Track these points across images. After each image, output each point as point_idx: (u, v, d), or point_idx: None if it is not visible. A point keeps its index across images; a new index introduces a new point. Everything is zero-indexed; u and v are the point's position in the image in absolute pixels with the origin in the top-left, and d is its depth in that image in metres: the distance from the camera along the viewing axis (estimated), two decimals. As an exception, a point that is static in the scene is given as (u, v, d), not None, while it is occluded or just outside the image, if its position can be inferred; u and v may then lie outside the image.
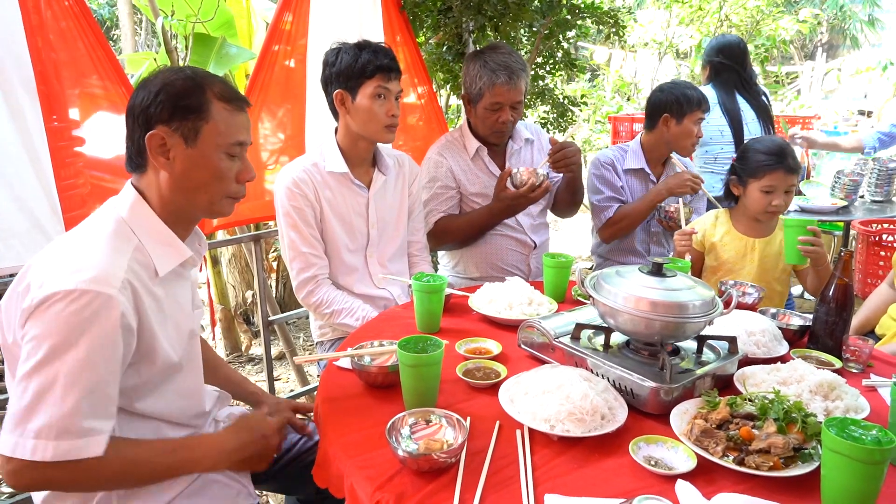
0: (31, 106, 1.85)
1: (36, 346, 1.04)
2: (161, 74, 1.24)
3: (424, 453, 1.06)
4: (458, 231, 2.37)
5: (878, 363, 1.57)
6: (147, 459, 1.17)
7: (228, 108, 1.24)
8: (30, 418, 1.03)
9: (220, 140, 1.23)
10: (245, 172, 1.31)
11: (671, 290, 1.33)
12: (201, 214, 1.33)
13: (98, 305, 1.06)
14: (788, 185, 2.06)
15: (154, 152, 1.21)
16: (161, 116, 1.20)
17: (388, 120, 1.95)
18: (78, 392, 1.04)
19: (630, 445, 1.12)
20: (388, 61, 1.92)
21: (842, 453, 0.95)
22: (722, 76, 3.33)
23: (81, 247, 1.15)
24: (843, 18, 12.24)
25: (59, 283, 1.06)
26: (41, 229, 1.88)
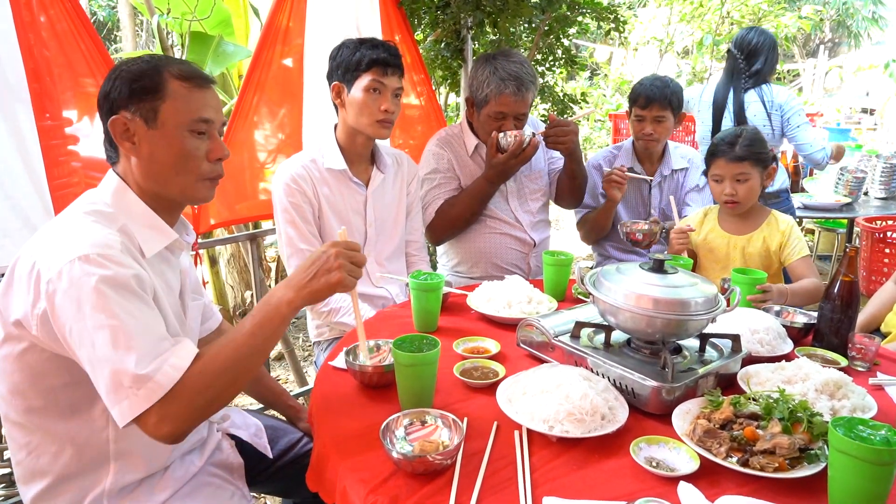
0: (23, 104, 1.82)
1: (77, 329, 1.03)
2: (120, 63, 1.23)
3: (419, 455, 1.04)
4: (459, 210, 2.32)
5: (884, 361, 1.54)
6: (238, 347, 1.13)
7: (186, 86, 1.21)
8: (120, 381, 1.02)
9: (180, 118, 1.20)
10: (215, 151, 1.26)
11: (673, 286, 1.30)
12: (181, 199, 1.29)
13: (106, 263, 1.06)
14: (736, 174, 2.03)
15: (119, 138, 1.20)
16: (120, 101, 1.19)
17: (380, 114, 1.92)
18: (135, 338, 1.04)
19: (631, 446, 1.09)
20: (387, 56, 1.90)
21: (849, 454, 0.92)
22: (725, 66, 3.28)
23: (70, 225, 1.13)
24: (846, 15, 12.20)
25: (62, 257, 1.05)
26: (33, 228, 1.85)
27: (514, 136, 2.14)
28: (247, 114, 2.47)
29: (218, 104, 1.28)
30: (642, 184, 2.57)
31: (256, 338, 1.13)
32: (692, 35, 6.76)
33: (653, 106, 2.38)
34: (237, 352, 1.12)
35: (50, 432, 1.17)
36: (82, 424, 1.17)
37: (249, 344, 1.13)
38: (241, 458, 1.44)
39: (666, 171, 2.56)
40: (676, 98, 2.41)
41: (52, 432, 1.17)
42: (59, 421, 1.16)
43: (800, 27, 6.41)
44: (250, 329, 1.13)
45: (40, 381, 1.14)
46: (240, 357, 1.12)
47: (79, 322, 1.03)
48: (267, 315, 1.15)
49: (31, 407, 1.16)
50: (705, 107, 3.29)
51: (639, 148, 2.55)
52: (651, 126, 2.42)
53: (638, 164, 2.56)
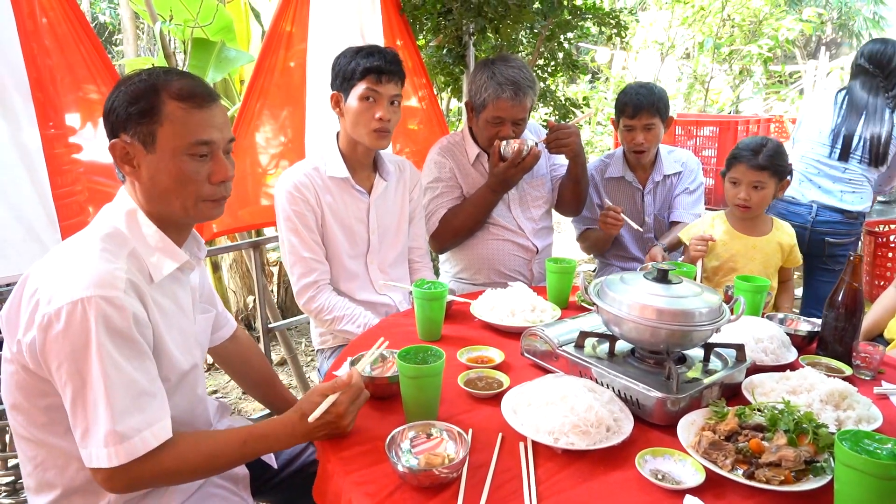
0: (27, 113, 1.83)
1: (66, 369, 1.05)
2: (122, 80, 1.21)
3: (425, 469, 1.04)
4: (463, 219, 2.32)
5: (889, 370, 1.54)
6: (223, 452, 1.17)
7: (184, 107, 1.17)
8: (92, 432, 1.06)
9: (178, 142, 1.17)
10: (218, 173, 1.22)
11: (677, 297, 1.30)
12: (186, 220, 1.27)
13: (107, 309, 1.05)
14: (754, 180, 2.08)
15: (119, 161, 1.19)
16: (119, 124, 1.17)
17: (375, 123, 1.89)
18: (119, 394, 1.05)
19: (636, 458, 1.09)
20: (381, 63, 1.87)
21: (856, 468, 0.92)
22: (858, 79, 2.94)
23: (79, 255, 1.12)
24: (847, 16, 12.19)
25: (64, 295, 1.04)
26: (37, 238, 1.85)
27: (515, 143, 2.13)
28: (250, 120, 2.48)
29: (223, 121, 1.24)
30: (636, 191, 2.57)
31: (247, 448, 1.18)
32: (693, 38, 6.76)
33: (641, 115, 2.38)
34: (220, 453, 1.17)
35: (55, 447, 1.17)
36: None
37: (238, 452, 1.18)
38: (246, 469, 1.44)
39: (658, 177, 2.55)
40: (663, 103, 2.41)
41: (57, 447, 1.17)
42: (62, 437, 1.16)
43: (801, 30, 6.40)
44: (244, 439, 1.18)
45: (41, 399, 1.14)
46: (219, 459, 1.17)
47: (70, 364, 1.05)
48: (260, 451, 1.21)
49: (35, 423, 1.16)
50: (829, 98, 2.98)
51: (631, 158, 2.54)
52: (641, 135, 2.41)
53: (629, 172, 2.56)
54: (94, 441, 1.05)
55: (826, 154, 2.95)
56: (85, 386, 1.05)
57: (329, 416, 1.16)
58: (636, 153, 2.47)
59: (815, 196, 2.95)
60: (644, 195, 2.57)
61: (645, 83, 2.50)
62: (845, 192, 2.94)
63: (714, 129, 4.05)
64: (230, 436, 1.18)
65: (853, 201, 2.93)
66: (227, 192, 1.28)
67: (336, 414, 1.17)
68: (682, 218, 2.52)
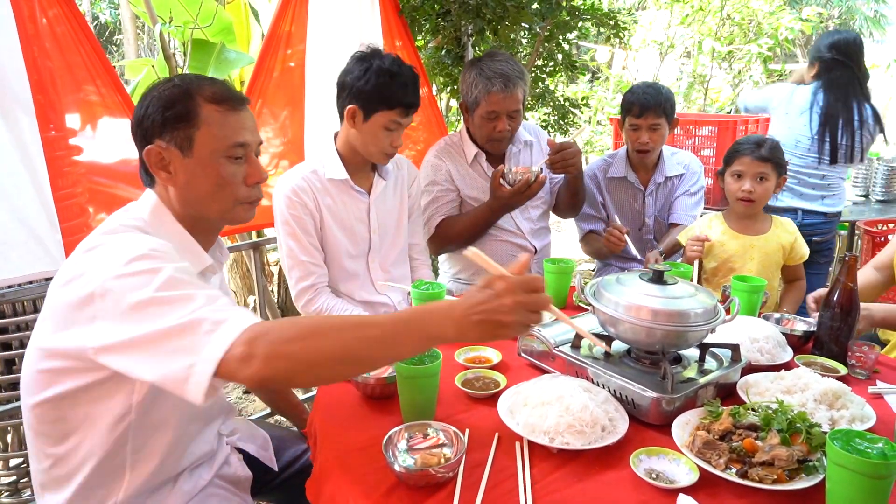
0: (27, 116, 1.84)
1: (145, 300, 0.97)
2: (153, 87, 1.21)
3: (421, 469, 1.05)
4: (459, 232, 2.34)
5: (884, 369, 1.55)
6: (373, 322, 1.01)
7: (220, 110, 1.19)
8: (199, 328, 0.95)
9: (216, 145, 1.18)
10: (253, 175, 1.25)
11: (672, 297, 1.31)
12: (220, 223, 1.28)
13: (167, 257, 1.03)
14: (758, 172, 2.08)
15: (154, 168, 1.19)
16: (154, 130, 1.17)
17: (389, 150, 1.94)
18: (214, 298, 0.99)
19: (631, 458, 1.10)
20: (414, 98, 1.89)
21: (847, 467, 0.93)
22: (832, 74, 2.98)
23: (119, 237, 1.10)
24: (848, 15, 12.18)
25: (122, 256, 1.01)
26: (38, 240, 1.87)
27: (521, 172, 2.12)
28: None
29: (253, 124, 1.26)
30: (637, 191, 2.58)
31: (399, 320, 1.00)
32: (692, 38, 6.76)
33: (648, 114, 2.38)
34: (368, 322, 1.00)
35: (77, 444, 1.16)
36: (107, 436, 1.15)
37: (364, 337, 0.98)
38: (249, 471, 1.45)
39: (660, 178, 2.56)
40: (670, 104, 2.41)
41: (79, 445, 1.15)
42: (87, 434, 1.14)
43: (801, 29, 6.40)
44: (380, 334, 0.99)
45: (74, 398, 1.12)
46: (367, 329, 0.99)
47: (143, 302, 0.97)
48: (407, 332, 1.00)
49: (59, 418, 1.14)
50: (796, 110, 3.08)
51: (635, 157, 2.54)
52: (647, 135, 2.41)
53: (632, 173, 2.56)
54: (200, 338, 0.95)
55: (807, 163, 3.06)
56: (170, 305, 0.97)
57: (490, 304, 0.97)
58: (640, 153, 2.47)
59: (798, 203, 3.09)
60: (645, 196, 2.58)
61: (652, 83, 2.50)
62: (825, 197, 3.10)
63: (713, 129, 4.04)
64: (359, 319, 1.04)
65: (832, 203, 3.11)
66: (260, 195, 1.29)
67: (498, 304, 0.97)
68: (681, 220, 2.53)
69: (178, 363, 0.94)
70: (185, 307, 0.97)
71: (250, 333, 0.94)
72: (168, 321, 0.95)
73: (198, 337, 0.94)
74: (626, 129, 2.49)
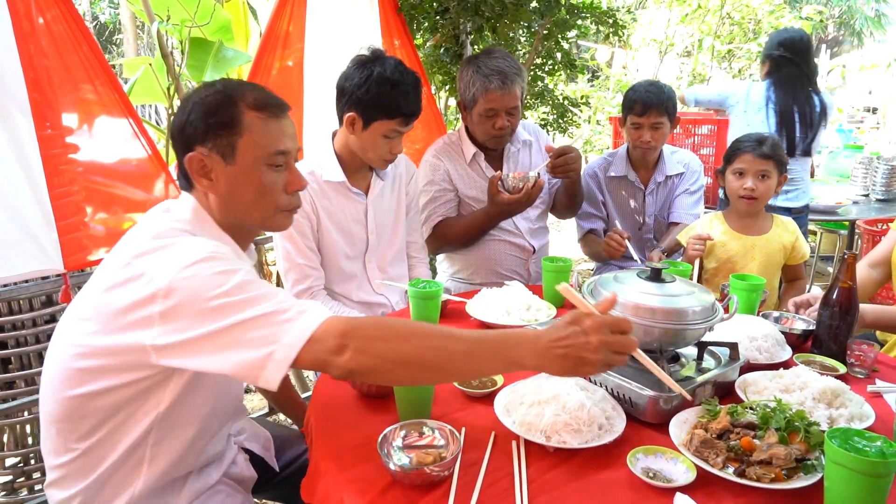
0: (23, 114, 1.83)
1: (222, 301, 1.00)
2: (194, 93, 1.20)
3: (416, 467, 1.04)
4: (457, 235, 2.35)
5: (883, 368, 1.54)
6: (457, 335, 1.04)
7: (263, 117, 1.18)
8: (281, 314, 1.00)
9: (258, 152, 1.18)
10: (294, 182, 1.24)
11: (670, 295, 1.30)
12: (258, 230, 1.29)
13: (232, 259, 1.06)
14: (760, 170, 2.07)
15: (196, 175, 1.18)
16: (196, 136, 1.16)
17: (389, 157, 1.93)
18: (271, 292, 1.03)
19: (628, 457, 1.09)
20: (415, 107, 1.87)
21: (845, 465, 0.92)
22: (782, 71, 3.15)
23: (176, 238, 1.09)
24: (850, 15, 12.18)
25: (186, 257, 1.02)
26: (34, 238, 1.86)
27: (519, 178, 2.10)
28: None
29: (294, 131, 1.25)
30: (637, 190, 2.57)
31: (480, 342, 1.03)
32: (692, 36, 6.76)
33: (650, 113, 2.37)
34: (427, 341, 1.03)
35: (103, 438, 1.14)
36: (133, 431, 1.15)
37: (448, 349, 1.02)
38: (254, 472, 1.45)
39: (660, 177, 2.55)
40: (672, 103, 2.40)
41: (104, 438, 1.14)
42: (115, 429, 1.14)
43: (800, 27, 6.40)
44: (465, 349, 1.03)
45: (110, 394, 1.11)
46: (452, 341, 1.02)
47: (217, 296, 0.99)
48: (491, 353, 1.04)
49: (91, 412, 1.13)
50: (754, 108, 3.19)
51: (635, 156, 2.53)
52: (649, 133, 2.40)
53: (632, 171, 2.55)
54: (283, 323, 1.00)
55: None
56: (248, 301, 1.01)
57: (575, 340, 1.00)
58: (641, 150, 2.46)
59: None
60: (646, 195, 2.57)
61: (654, 81, 2.49)
62: (789, 192, 3.16)
63: (712, 128, 4.04)
64: (445, 330, 1.07)
65: (796, 197, 3.17)
66: (299, 203, 1.29)
67: (584, 341, 0.99)
68: (680, 219, 2.52)
69: (256, 352, 0.98)
70: (263, 301, 1.01)
71: (343, 326, 1.00)
72: (247, 314, 0.99)
73: (278, 326, 0.99)
74: (627, 127, 2.47)
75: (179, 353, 1.01)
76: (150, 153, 2.23)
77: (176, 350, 1.01)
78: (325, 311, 1.03)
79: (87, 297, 1.11)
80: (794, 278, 2.23)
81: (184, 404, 1.16)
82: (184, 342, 1.00)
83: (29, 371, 2.17)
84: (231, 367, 0.99)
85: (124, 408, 1.12)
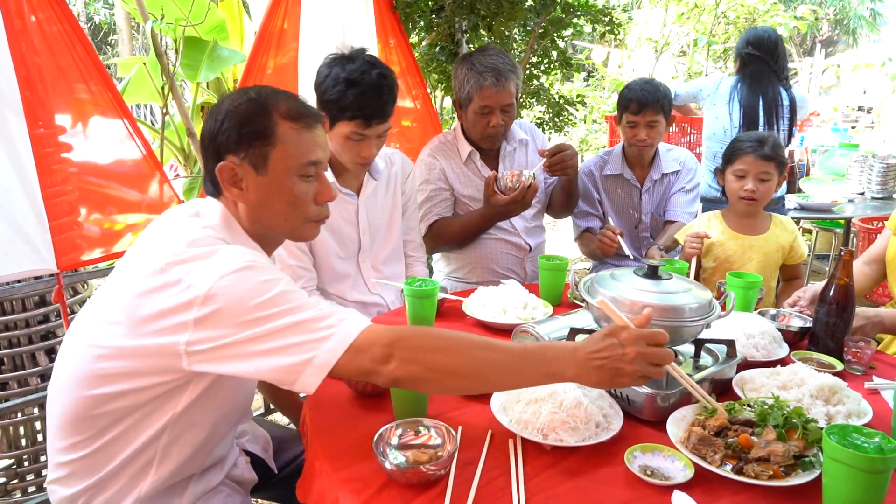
0: (15, 113, 1.82)
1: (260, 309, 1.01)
2: (226, 100, 1.19)
3: (412, 466, 1.03)
4: (452, 235, 2.34)
5: (880, 365, 1.54)
6: (499, 346, 1.07)
7: (296, 127, 1.17)
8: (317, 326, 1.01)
9: (290, 163, 1.17)
10: (324, 193, 1.24)
11: (667, 293, 1.30)
12: (285, 239, 1.29)
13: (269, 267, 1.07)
14: (761, 172, 2.06)
15: (226, 184, 1.17)
16: (228, 145, 1.15)
17: (359, 160, 1.85)
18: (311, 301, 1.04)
19: (625, 454, 1.09)
20: (371, 110, 1.75)
21: (843, 462, 0.92)
22: (749, 67, 3.23)
23: (216, 246, 1.08)
24: (843, 14, 12.22)
25: (225, 264, 1.02)
26: (26, 238, 1.84)
27: (514, 178, 2.08)
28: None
29: (325, 141, 1.24)
30: (633, 188, 2.56)
31: (524, 355, 1.06)
32: (688, 36, 6.77)
33: (646, 111, 2.36)
34: (495, 346, 1.05)
35: (117, 436, 1.13)
36: (149, 429, 1.14)
37: (491, 360, 1.05)
38: (254, 474, 1.44)
39: (656, 175, 2.54)
40: (667, 101, 2.40)
41: (119, 436, 1.13)
42: (131, 426, 1.13)
43: (795, 27, 6.42)
44: (507, 361, 1.05)
45: (133, 395, 1.11)
46: (496, 352, 1.05)
47: (261, 304, 1.00)
48: (531, 365, 1.06)
49: (109, 411, 1.12)
50: (721, 101, 3.27)
51: (631, 154, 2.53)
52: (645, 131, 2.40)
53: (628, 170, 2.55)
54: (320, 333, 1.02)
55: None
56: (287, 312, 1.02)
57: (612, 352, 1.02)
58: (637, 148, 2.46)
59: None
60: (642, 193, 2.56)
61: (650, 79, 2.48)
62: None
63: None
64: (487, 341, 1.09)
65: None
66: (328, 213, 1.28)
67: (620, 353, 1.02)
68: (677, 217, 2.51)
69: (295, 357, 1.00)
70: (305, 309, 1.02)
71: (389, 336, 1.03)
72: (288, 320, 1.00)
73: (319, 332, 1.00)
74: (623, 125, 2.47)
75: (214, 358, 1.02)
76: (145, 153, 2.21)
77: (211, 354, 1.02)
78: (365, 319, 1.06)
79: (113, 299, 1.10)
80: (792, 278, 2.23)
81: (200, 407, 1.16)
82: (220, 347, 1.01)
83: (22, 372, 2.16)
84: (268, 372, 1.01)
85: (141, 409, 1.12)
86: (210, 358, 1.02)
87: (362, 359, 1.01)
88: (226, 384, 1.18)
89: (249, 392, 1.37)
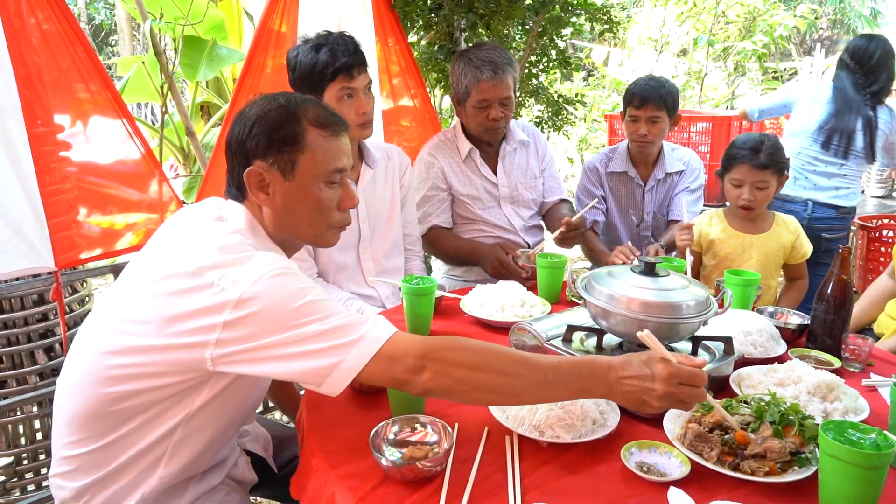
0: (13, 111, 1.82)
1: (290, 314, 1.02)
2: (255, 105, 1.20)
3: (408, 462, 1.03)
4: (445, 250, 2.37)
5: (878, 362, 1.54)
6: (535, 359, 1.08)
7: (325, 135, 1.19)
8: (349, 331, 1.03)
9: (317, 170, 1.18)
10: (347, 200, 1.26)
11: (664, 290, 1.29)
12: (307, 244, 1.30)
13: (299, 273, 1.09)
14: (757, 181, 2.04)
15: (254, 189, 1.18)
16: (257, 150, 1.16)
17: (358, 118, 1.88)
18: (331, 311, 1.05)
19: (622, 451, 1.09)
20: (348, 59, 1.80)
21: (839, 458, 0.92)
22: (841, 73, 3.01)
23: (246, 250, 1.09)
24: (843, 13, 12.20)
25: (258, 269, 1.03)
26: (24, 237, 1.84)
27: (531, 259, 2.05)
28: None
29: (350, 148, 1.26)
30: (637, 187, 2.56)
31: (532, 384, 1.06)
32: (687, 35, 6.76)
33: (648, 106, 2.35)
34: (506, 367, 1.06)
35: (130, 432, 1.13)
36: (163, 426, 1.13)
37: (526, 377, 1.06)
38: (254, 474, 1.44)
39: (660, 174, 2.53)
40: (672, 98, 2.38)
41: (131, 432, 1.13)
42: (145, 422, 1.13)
43: (795, 26, 6.41)
44: (541, 378, 1.05)
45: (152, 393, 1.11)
46: (506, 374, 1.06)
47: (295, 310, 1.02)
48: (564, 382, 1.07)
49: (127, 408, 1.12)
50: (822, 99, 3.02)
51: (633, 150, 2.52)
52: (646, 127, 2.38)
53: (632, 168, 2.54)
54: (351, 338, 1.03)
55: (823, 151, 2.96)
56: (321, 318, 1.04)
57: (643, 384, 1.04)
58: (639, 144, 2.45)
59: (810, 194, 2.97)
60: (645, 192, 2.56)
61: (657, 76, 2.47)
62: (840, 189, 2.97)
63: (707, 125, 4.05)
64: (529, 356, 1.10)
65: (847, 196, 2.97)
66: (349, 220, 1.30)
67: (650, 386, 1.03)
68: (680, 217, 2.49)
69: (324, 360, 1.01)
70: (336, 315, 1.04)
71: (423, 347, 1.04)
72: (320, 326, 1.02)
73: (349, 337, 1.02)
74: (626, 120, 2.46)
75: (242, 360, 1.03)
76: (144, 152, 2.22)
77: (239, 356, 1.03)
78: (392, 326, 1.08)
79: (135, 299, 1.09)
80: (794, 277, 2.21)
81: (214, 406, 1.16)
82: (250, 349, 1.02)
83: (21, 370, 2.16)
84: (296, 374, 1.03)
85: (156, 405, 1.12)
86: (237, 360, 1.03)
87: (396, 369, 1.03)
88: (242, 385, 1.19)
89: (261, 393, 1.37)
